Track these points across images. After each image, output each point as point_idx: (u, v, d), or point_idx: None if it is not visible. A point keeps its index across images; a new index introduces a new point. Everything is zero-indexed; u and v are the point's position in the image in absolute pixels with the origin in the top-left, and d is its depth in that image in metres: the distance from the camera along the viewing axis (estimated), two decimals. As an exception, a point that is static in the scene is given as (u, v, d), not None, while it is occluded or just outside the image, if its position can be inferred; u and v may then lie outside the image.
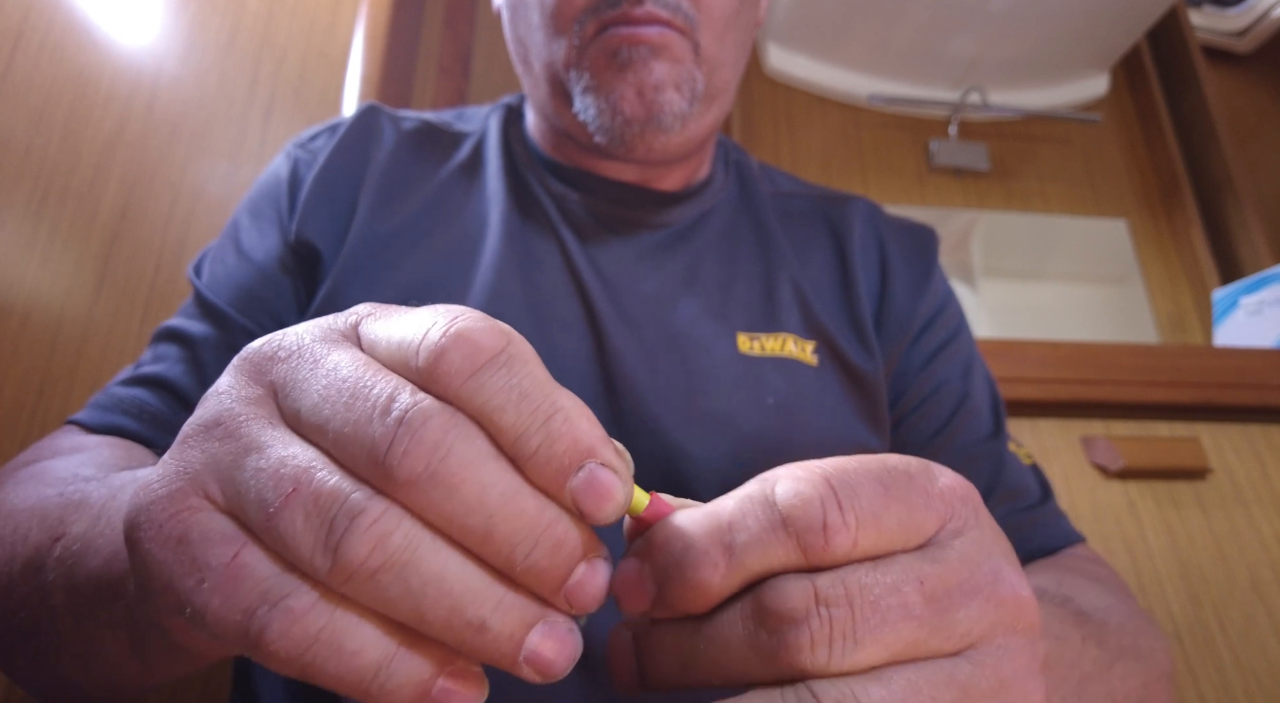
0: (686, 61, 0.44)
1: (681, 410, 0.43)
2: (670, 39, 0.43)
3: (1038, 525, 0.47)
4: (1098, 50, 1.56)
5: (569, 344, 0.44)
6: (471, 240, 0.47)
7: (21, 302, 0.65)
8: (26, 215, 0.68)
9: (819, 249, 0.52)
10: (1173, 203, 1.58)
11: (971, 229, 1.52)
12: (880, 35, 1.47)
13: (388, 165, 0.50)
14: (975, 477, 0.47)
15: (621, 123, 0.44)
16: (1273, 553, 0.82)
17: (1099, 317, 1.49)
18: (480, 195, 0.50)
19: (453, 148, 0.53)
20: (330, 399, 0.17)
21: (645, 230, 0.50)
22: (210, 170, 0.79)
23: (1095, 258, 1.54)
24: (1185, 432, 0.88)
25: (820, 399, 0.46)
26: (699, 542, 0.18)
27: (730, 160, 0.57)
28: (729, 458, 0.42)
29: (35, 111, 0.71)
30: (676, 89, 0.44)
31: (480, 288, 0.45)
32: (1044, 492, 0.49)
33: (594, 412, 0.43)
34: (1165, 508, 0.83)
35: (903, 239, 0.54)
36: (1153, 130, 1.64)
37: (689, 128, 0.46)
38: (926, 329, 0.52)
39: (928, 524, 0.19)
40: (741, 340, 0.46)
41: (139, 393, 0.43)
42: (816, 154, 1.53)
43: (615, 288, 0.46)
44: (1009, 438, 0.51)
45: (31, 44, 0.73)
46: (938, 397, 0.50)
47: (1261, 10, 1.78)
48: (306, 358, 0.19)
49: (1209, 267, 1.48)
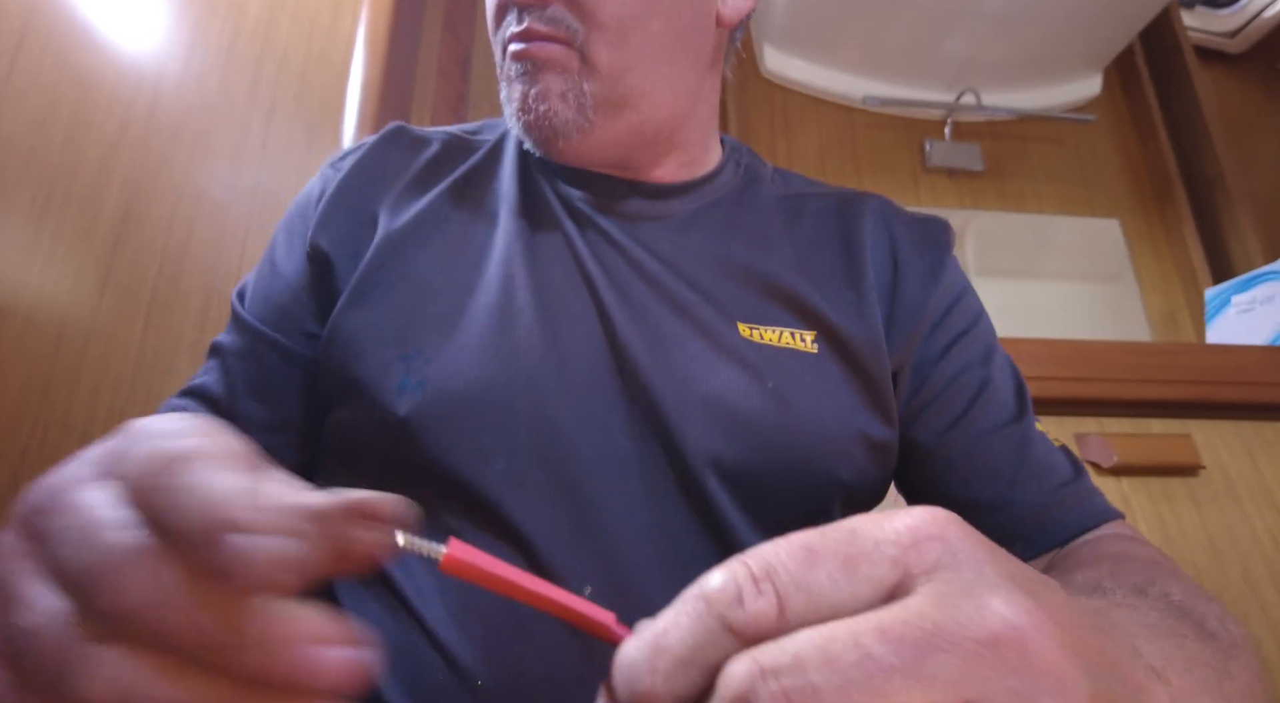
0: (572, 72, 0.46)
1: (681, 395, 0.44)
2: (552, 52, 0.45)
3: (1069, 504, 0.46)
4: (1091, 51, 1.58)
5: (579, 334, 0.45)
6: (482, 237, 0.49)
7: (25, 304, 0.66)
8: (29, 218, 0.68)
9: (828, 244, 0.52)
10: (1165, 202, 1.59)
11: (966, 228, 1.53)
12: (875, 37, 1.48)
13: (408, 176, 0.52)
14: (998, 459, 0.47)
15: (524, 130, 0.48)
16: (1265, 548, 0.83)
17: (1092, 315, 1.50)
18: (493, 195, 0.52)
19: (470, 153, 0.55)
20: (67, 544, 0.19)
21: (644, 222, 0.51)
22: (212, 173, 0.79)
23: (1089, 257, 1.56)
24: (1178, 428, 0.89)
25: (819, 385, 0.46)
26: (636, 653, 0.18)
27: (741, 163, 0.57)
28: (725, 441, 0.43)
29: (38, 114, 0.72)
30: (562, 99, 0.46)
31: (491, 282, 0.46)
32: (1076, 470, 0.48)
33: (607, 399, 0.43)
34: (1158, 504, 0.84)
35: (914, 232, 0.54)
36: (1145, 130, 1.66)
37: (596, 134, 0.47)
38: (944, 319, 0.52)
39: (882, 575, 0.18)
40: (741, 328, 0.47)
41: (184, 402, 0.49)
42: (812, 155, 1.54)
43: (619, 279, 0.48)
44: (1035, 419, 0.50)
45: (34, 47, 0.73)
46: (958, 384, 0.50)
47: (1253, 11, 1.79)
48: None
49: (1201, 265, 1.49)
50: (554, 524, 0.41)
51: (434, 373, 0.43)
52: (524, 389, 0.43)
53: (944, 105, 1.56)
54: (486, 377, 0.43)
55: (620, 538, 0.41)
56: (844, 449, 0.46)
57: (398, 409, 0.43)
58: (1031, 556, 0.45)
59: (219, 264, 0.76)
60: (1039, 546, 0.45)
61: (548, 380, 0.44)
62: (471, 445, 0.42)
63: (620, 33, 0.45)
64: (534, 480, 0.42)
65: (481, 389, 0.43)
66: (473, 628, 0.39)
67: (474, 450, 0.42)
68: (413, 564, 0.42)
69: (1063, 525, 0.45)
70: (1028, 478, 0.47)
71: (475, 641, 0.39)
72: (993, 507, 0.47)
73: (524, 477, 0.42)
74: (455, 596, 0.40)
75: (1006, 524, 0.46)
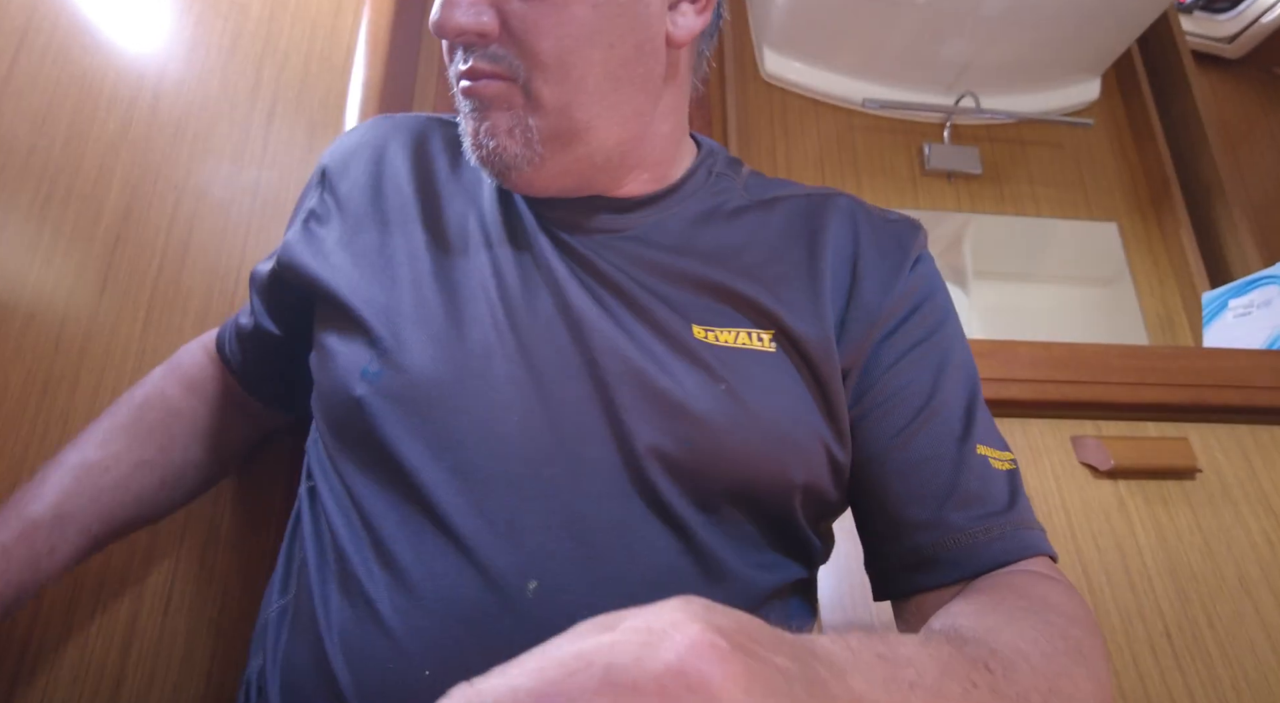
0: (517, 107, 0.47)
1: (636, 393, 0.45)
2: (497, 89, 0.46)
3: (993, 537, 0.45)
4: (1090, 56, 1.58)
5: (541, 336, 0.47)
6: (457, 243, 0.52)
7: (25, 302, 0.66)
8: (30, 216, 0.68)
9: (792, 245, 0.53)
10: (1162, 206, 1.60)
11: (964, 232, 1.54)
12: (874, 40, 1.48)
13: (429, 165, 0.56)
14: (931, 479, 0.47)
15: (479, 164, 0.49)
16: (1260, 551, 0.83)
17: (1089, 318, 1.51)
18: (476, 205, 0.54)
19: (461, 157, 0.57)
20: None
21: (607, 234, 0.52)
22: (213, 172, 0.79)
23: (1086, 260, 1.56)
24: (1174, 432, 0.89)
25: (774, 384, 0.47)
26: None
27: (713, 171, 0.57)
28: (669, 435, 0.44)
29: (39, 113, 0.72)
30: (509, 135, 0.47)
31: (460, 283, 0.49)
32: (1011, 500, 0.48)
33: (575, 392, 0.46)
34: (1155, 507, 0.85)
35: (880, 233, 0.54)
36: (1143, 135, 1.66)
37: (546, 166, 0.48)
38: (899, 326, 0.51)
39: None
40: (696, 330, 0.48)
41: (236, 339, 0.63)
42: (811, 157, 1.55)
43: (583, 285, 0.49)
44: (979, 442, 0.49)
45: (36, 45, 0.74)
46: (903, 395, 0.49)
47: (1251, 17, 1.80)
48: None
49: (1198, 269, 1.49)
50: (498, 522, 0.42)
51: (394, 364, 0.45)
52: (481, 389, 0.45)
53: (943, 109, 1.56)
54: (442, 375, 0.45)
55: (570, 534, 0.42)
56: (798, 448, 0.46)
57: (354, 389, 0.45)
58: (950, 580, 0.45)
59: (219, 263, 0.76)
60: (957, 572, 0.45)
61: (506, 382, 0.45)
62: (424, 439, 0.43)
63: (561, 68, 0.46)
64: (484, 474, 0.43)
65: (438, 387, 0.44)
66: (419, 620, 0.40)
67: (425, 445, 0.43)
68: (367, 556, 0.43)
69: (983, 556, 0.45)
70: (959, 503, 0.46)
71: (421, 631, 0.40)
72: (920, 525, 0.47)
73: (472, 470, 0.43)
74: (404, 588, 0.41)
75: (929, 546, 0.46)
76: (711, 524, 0.45)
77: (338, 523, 0.45)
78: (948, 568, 0.45)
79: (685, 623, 0.20)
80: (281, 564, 0.50)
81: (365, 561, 0.43)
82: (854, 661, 0.26)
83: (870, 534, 0.50)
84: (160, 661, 0.64)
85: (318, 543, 0.46)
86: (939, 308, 0.54)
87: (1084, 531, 0.82)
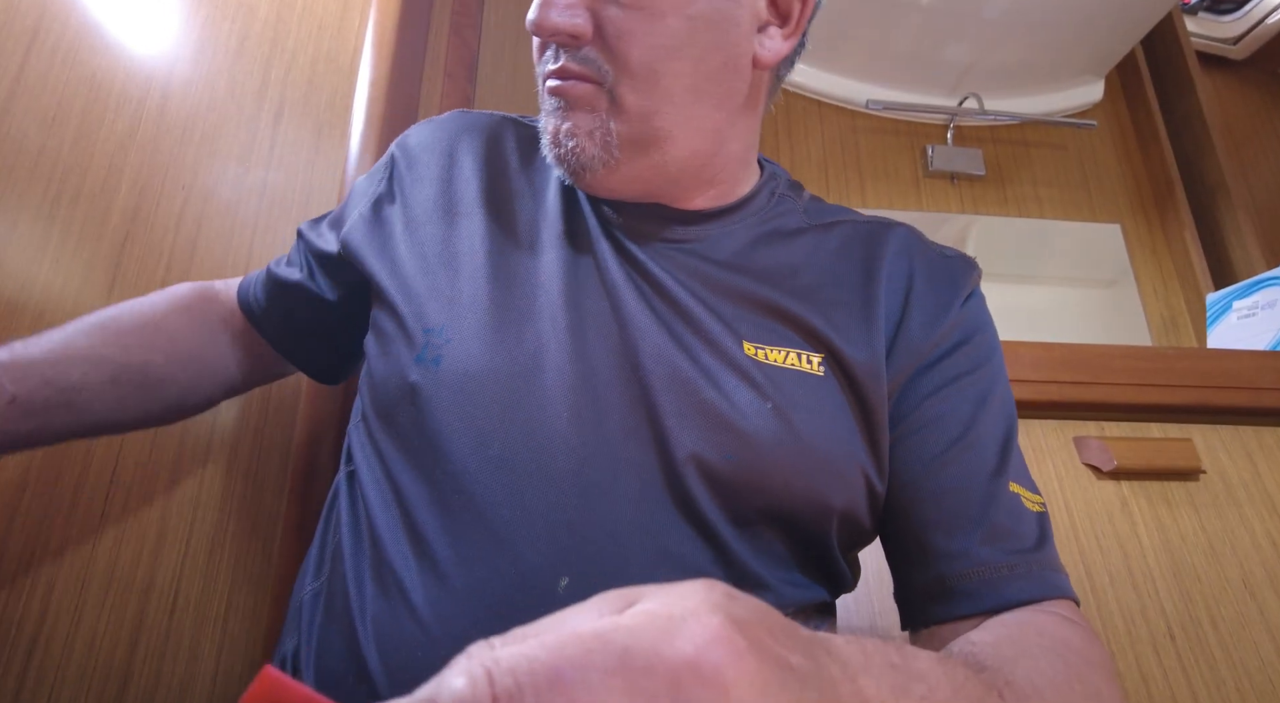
0: (600, 111, 0.47)
1: (681, 401, 0.45)
2: (584, 91, 0.47)
3: (1018, 574, 0.46)
4: (1093, 57, 1.58)
5: (595, 337, 0.48)
6: (524, 240, 0.53)
7: (34, 301, 0.66)
8: (39, 216, 0.69)
9: (848, 271, 0.53)
10: (1166, 208, 1.59)
11: (967, 233, 1.54)
12: (878, 42, 1.48)
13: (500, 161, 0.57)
14: (961, 509, 0.47)
15: (554, 161, 0.50)
16: (1264, 552, 0.83)
17: (1093, 319, 1.51)
18: (543, 206, 0.55)
19: (536, 155, 0.58)
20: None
21: (664, 243, 0.53)
22: (221, 173, 0.80)
23: (1090, 261, 1.56)
24: (1178, 433, 0.89)
25: (821, 408, 0.47)
26: None
27: (776, 192, 0.58)
28: (719, 451, 0.44)
29: (49, 113, 0.72)
30: (589, 137, 0.48)
31: (521, 278, 0.50)
32: (1040, 541, 0.48)
33: (622, 395, 0.46)
34: (1158, 508, 0.85)
35: (934, 267, 0.55)
36: (1147, 136, 1.66)
37: (621, 170, 0.49)
38: (944, 358, 0.52)
39: None
40: (747, 347, 0.48)
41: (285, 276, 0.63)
42: (815, 159, 1.55)
43: (640, 292, 0.50)
44: (1012, 480, 0.49)
45: (45, 46, 0.74)
46: (941, 424, 0.49)
47: (1256, 18, 1.80)
48: None
49: (1202, 271, 1.49)
50: (536, 517, 0.42)
51: (451, 353, 0.46)
52: (534, 384, 0.45)
53: (946, 110, 1.57)
54: (498, 368, 0.45)
55: (605, 533, 0.42)
56: (840, 474, 0.46)
57: (409, 375, 0.46)
58: (971, 612, 0.45)
59: (226, 263, 0.77)
60: (978, 604, 0.45)
61: (557, 379, 0.45)
62: (472, 429, 0.44)
63: (648, 78, 0.47)
64: (527, 469, 0.43)
65: (493, 379, 0.45)
66: (450, 608, 0.41)
67: (472, 434, 0.44)
68: (402, 542, 0.44)
69: (1005, 591, 0.45)
70: (987, 536, 0.47)
71: (451, 619, 0.40)
72: (947, 554, 0.47)
73: (516, 464, 0.43)
74: (437, 577, 0.42)
75: (954, 576, 0.46)
76: (744, 539, 0.45)
77: (375, 508, 0.46)
78: (970, 600, 0.45)
79: (706, 614, 0.20)
80: (316, 546, 0.51)
81: (400, 547, 0.43)
82: (866, 664, 0.26)
83: (898, 561, 0.51)
84: (167, 659, 0.64)
85: (354, 527, 0.47)
86: (985, 344, 0.54)
87: (1087, 532, 0.82)
